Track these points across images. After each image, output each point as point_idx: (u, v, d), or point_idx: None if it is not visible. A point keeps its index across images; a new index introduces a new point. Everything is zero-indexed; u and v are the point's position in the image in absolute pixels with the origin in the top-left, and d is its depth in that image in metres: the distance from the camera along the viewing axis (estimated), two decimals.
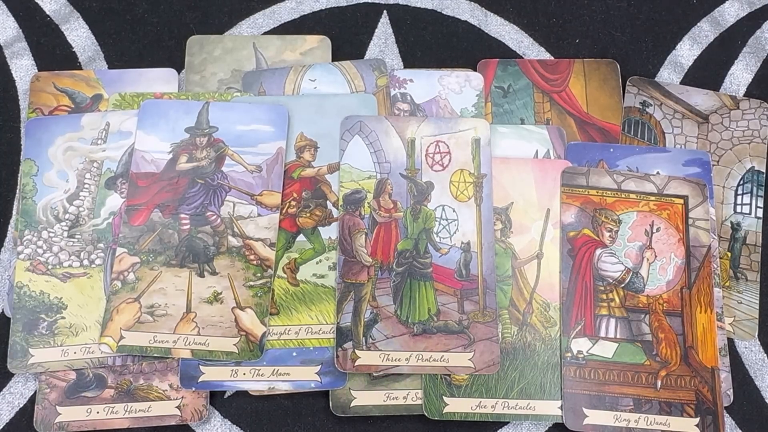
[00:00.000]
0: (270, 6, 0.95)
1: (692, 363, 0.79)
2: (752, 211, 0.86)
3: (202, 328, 0.78)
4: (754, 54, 0.94)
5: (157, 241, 0.81)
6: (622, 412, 0.77)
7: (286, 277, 0.81)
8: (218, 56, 0.90)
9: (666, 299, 0.81)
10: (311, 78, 0.89)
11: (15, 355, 0.78)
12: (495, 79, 0.90)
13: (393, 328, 0.79)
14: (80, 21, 0.93)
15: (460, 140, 0.85)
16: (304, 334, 0.79)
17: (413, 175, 0.84)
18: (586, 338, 0.80)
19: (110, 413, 0.77)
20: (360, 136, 0.85)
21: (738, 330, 0.83)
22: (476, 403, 0.78)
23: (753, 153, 0.88)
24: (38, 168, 0.84)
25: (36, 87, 0.88)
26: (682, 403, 0.78)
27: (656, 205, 0.84)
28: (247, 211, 0.83)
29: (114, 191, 0.84)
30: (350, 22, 0.94)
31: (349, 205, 0.83)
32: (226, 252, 0.81)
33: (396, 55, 0.93)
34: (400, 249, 0.82)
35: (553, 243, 0.83)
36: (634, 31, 0.95)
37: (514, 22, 0.95)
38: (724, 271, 0.84)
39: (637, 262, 0.82)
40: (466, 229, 0.83)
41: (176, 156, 0.84)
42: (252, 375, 0.78)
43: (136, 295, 0.79)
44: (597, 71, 0.91)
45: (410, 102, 0.89)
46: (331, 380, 0.78)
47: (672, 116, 0.89)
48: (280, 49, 0.91)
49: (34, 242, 0.82)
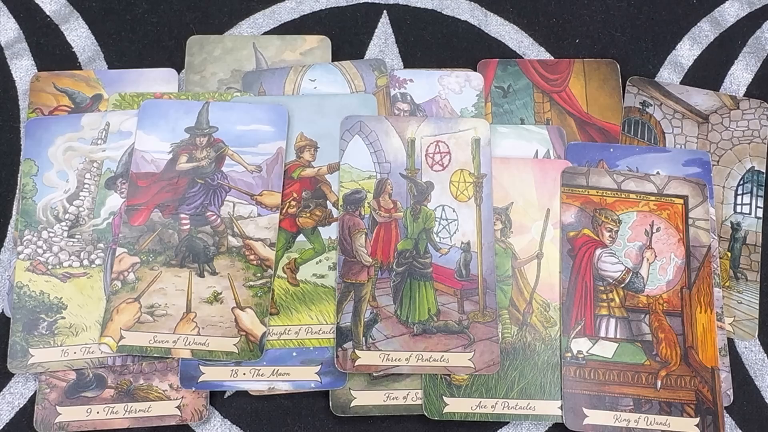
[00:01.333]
0: (270, 6, 0.95)
1: (692, 363, 0.79)
2: (752, 211, 0.86)
3: (202, 328, 0.78)
4: (754, 54, 0.94)
5: (157, 241, 0.81)
6: (622, 412, 0.77)
7: (286, 277, 0.81)
8: (218, 56, 0.90)
9: (666, 299, 0.81)
10: (311, 78, 0.89)
11: (15, 355, 0.78)
12: (495, 79, 0.90)
13: (393, 328, 0.79)
14: (80, 21, 0.93)
15: (460, 140, 0.85)
16: (304, 334, 0.79)
17: (413, 175, 0.84)
18: (586, 338, 0.80)
19: (110, 413, 0.77)
20: (360, 136, 0.85)
21: (738, 330, 0.83)
22: (476, 403, 0.78)
23: (753, 153, 0.88)
24: (38, 168, 0.84)
25: (36, 87, 0.88)
26: (682, 403, 0.78)
27: (656, 205, 0.84)
28: (247, 211, 0.83)
29: (114, 191, 0.83)
30: (350, 22, 0.94)
31: (349, 205, 0.83)
32: (226, 252, 0.81)
33: (396, 55, 0.93)
34: (400, 249, 0.82)
35: (553, 243, 0.83)
36: (634, 31, 0.95)
37: (514, 22, 0.95)
38: (724, 271, 0.84)
39: (637, 262, 0.82)
40: (466, 229, 0.83)
41: (176, 156, 0.84)
42: (252, 375, 0.78)
43: (136, 295, 0.79)
44: (597, 71, 0.91)
45: (410, 102, 0.89)
46: (331, 380, 0.78)
47: (672, 116, 0.89)
48: (280, 49, 0.91)
49: (34, 242, 0.82)
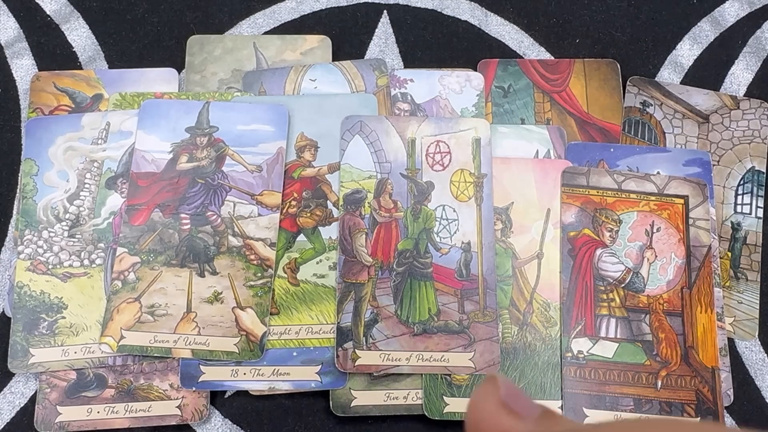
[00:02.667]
0: (270, 6, 0.95)
1: (692, 363, 0.79)
2: (752, 211, 0.86)
3: (202, 328, 0.78)
4: (754, 54, 0.94)
5: (158, 241, 0.81)
6: (623, 412, 0.77)
7: (287, 276, 0.81)
8: (218, 56, 0.90)
9: (666, 299, 0.81)
10: (311, 78, 0.89)
11: (15, 354, 0.78)
12: (495, 79, 0.90)
13: (393, 328, 0.79)
14: (80, 21, 0.93)
15: (460, 140, 0.85)
16: (304, 334, 0.79)
17: (413, 174, 0.84)
18: (586, 338, 0.80)
19: (111, 413, 0.77)
20: (360, 135, 0.85)
21: (738, 330, 0.83)
22: None
23: (753, 153, 0.88)
24: (38, 168, 0.84)
25: (36, 87, 0.88)
26: (683, 403, 0.78)
27: (656, 205, 0.84)
28: (248, 210, 0.83)
29: (114, 191, 0.83)
30: (350, 22, 0.94)
31: (350, 205, 0.83)
32: (227, 252, 0.81)
33: (396, 55, 0.93)
34: (401, 249, 0.82)
35: (553, 243, 0.83)
36: (634, 31, 0.95)
37: (514, 22, 0.95)
38: (725, 271, 0.84)
39: (637, 262, 0.82)
40: (466, 229, 0.83)
41: (176, 156, 0.84)
42: (252, 375, 0.78)
43: (136, 294, 0.79)
44: (597, 71, 0.91)
45: (411, 102, 0.89)
46: (332, 380, 0.78)
47: (672, 116, 0.89)
48: (281, 48, 0.91)
49: (35, 242, 0.82)
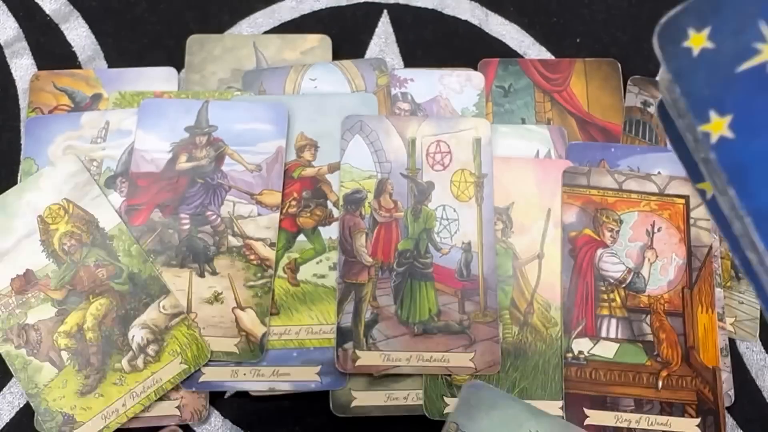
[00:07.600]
0: (270, 5, 0.94)
1: (693, 363, 0.79)
2: None
3: (202, 328, 0.78)
4: None
5: (158, 241, 0.81)
6: (623, 413, 0.77)
7: (287, 277, 0.81)
8: (218, 55, 0.90)
9: (667, 299, 0.81)
10: (311, 77, 0.89)
11: None
12: (496, 79, 0.90)
13: (393, 328, 0.79)
14: (80, 20, 0.93)
15: (461, 140, 0.85)
16: (304, 335, 0.79)
17: (414, 174, 0.84)
18: (587, 338, 0.80)
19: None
20: (360, 135, 0.85)
21: (739, 330, 0.83)
22: None
23: None
24: (38, 167, 0.84)
25: (35, 86, 0.88)
26: (684, 403, 0.78)
27: (657, 205, 0.84)
28: (247, 210, 0.83)
29: (114, 190, 0.83)
30: (350, 22, 0.94)
31: (350, 205, 0.83)
32: (227, 252, 0.81)
33: (396, 55, 0.93)
34: (401, 249, 0.82)
35: (554, 243, 0.82)
36: (635, 31, 0.95)
37: (514, 21, 0.95)
38: (726, 271, 0.84)
39: (638, 262, 0.82)
40: (466, 229, 0.82)
41: (176, 155, 0.84)
42: (252, 375, 0.78)
43: None
44: (598, 71, 0.91)
45: (411, 101, 0.88)
46: (332, 381, 0.78)
47: None
48: (281, 48, 0.91)
49: None
